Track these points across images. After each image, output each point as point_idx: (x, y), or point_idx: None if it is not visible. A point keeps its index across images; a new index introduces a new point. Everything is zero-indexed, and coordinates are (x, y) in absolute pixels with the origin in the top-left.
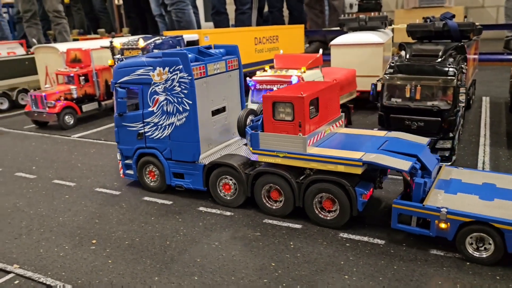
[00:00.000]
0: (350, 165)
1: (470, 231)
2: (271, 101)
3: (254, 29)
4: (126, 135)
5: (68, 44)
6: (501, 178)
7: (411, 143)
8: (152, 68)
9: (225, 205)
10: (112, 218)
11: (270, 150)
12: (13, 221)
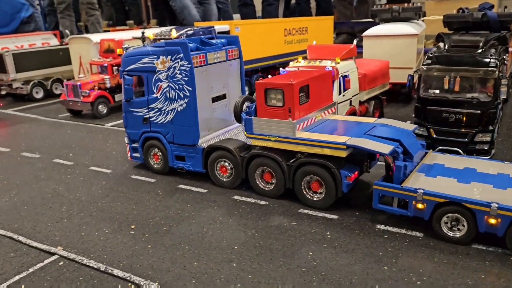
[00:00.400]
0: (335, 149)
1: (445, 212)
2: (263, 88)
3: (284, 20)
4: (133, 120)
5: (101, 35)
6: (483, 163)
7: (397, 129)
8: (156, 57)
9: (222, 186)
10: (149, 205)
11: (262, 134)
12: (54, 205)
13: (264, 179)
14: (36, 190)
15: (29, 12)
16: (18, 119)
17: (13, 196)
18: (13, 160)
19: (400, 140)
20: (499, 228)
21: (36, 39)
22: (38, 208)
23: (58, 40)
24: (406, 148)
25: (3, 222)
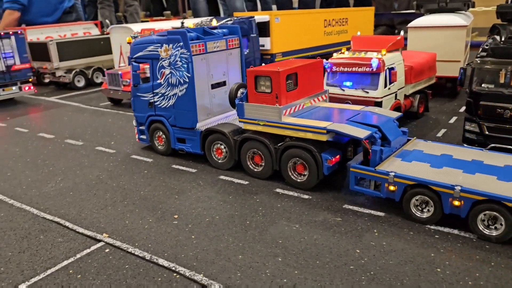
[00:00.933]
0: (317, 133)
1: (414, 193)
2: (254, 75)
3: (324, 11)
4: (140, 104)
5: (142, 25)
6: (461, 151)
7: (379, 116)
8: (160, 45)
9: (217, 167)
10: (191, 195)
11: (252, 118)
12: (98, 192)
13: (255, 161)
14: (81, 176)
15: (71, 2)
16: (61, 106)
17: (58, 182)
18: (57, 147)
19: (379, 126)
20: (462, 210)
21: (78, 29)
22: (83, 195)
23: (99, 29)
24: (384, 134)
25: (50, 207)
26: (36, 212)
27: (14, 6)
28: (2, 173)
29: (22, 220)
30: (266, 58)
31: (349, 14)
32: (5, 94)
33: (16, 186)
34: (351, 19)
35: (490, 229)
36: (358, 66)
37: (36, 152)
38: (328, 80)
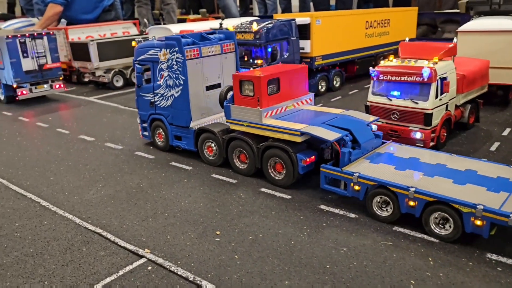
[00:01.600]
0: (292, 134)
1: (376, 193)
2: (239, 79)
3: (365, 12)
4: (143, 103)
5: (180, 26)
6: (430, 154)
7: (353, 120)
8: (159, 49)
9: (208, 163)
10: (232, 209)
11: (238, 119)
12: (138, 202)
13: (241, 159)
14: (121, 184)
15: (110, 1)
16: (101, 107)
17: (100, 188)
18: (98, 150)
19: (350, 130)
20: (416, 210)
21: (117, 28)
22: (124, 204)
23: (137, 29)
24: (355, 137)
25: (92, 217)
26: (78, 221)
27: (57, 0)
28: (45, 177)
29: (65, 230)
30: (306, 62)
31: (391, 15)
32: (37, 91)
33: (58, 191)
34: (393, 20)
35: (441, 228)
36: (408, 75)
37: (77, 155)
38: (374, 88)
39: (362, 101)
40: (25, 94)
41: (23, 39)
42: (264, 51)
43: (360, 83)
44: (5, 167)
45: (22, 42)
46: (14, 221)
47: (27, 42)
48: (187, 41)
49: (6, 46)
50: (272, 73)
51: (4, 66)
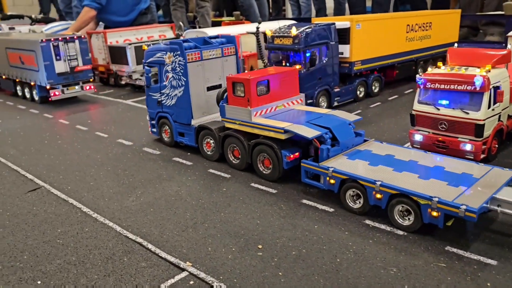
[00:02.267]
0: (276, 132)
1: (349, 187)
2: (231, 81)
3: (407, 15)
4: (151, 102)
5: (217, 29)
6: (405, 152)
7: (335, 119)
8: (165, 52)
9: (206, 158)
10: (273, 221)
11: (231, 118)
12: (178, 210)
13: (234, 155)
14: (160, 190)
15: (147, 3)
16: (138, 110)
17: (139, 195)
18: (136, 156)
19: (330, 128)
20: (382, 202)
21: (154, 32)
22: (163, 212)
23: (173, 32)
24: (335, 135)
25: (132, 225)
26: (119, 229)
27: (93, 5)
28: (85, 181)
29: (106, 238)
30: (344, 67)
31: (433, 18)
32: (69, 92)
33: (99, 197)
34: (435, 23)
35: (404, 219)
36: (458, 84)
37: (116, 160)
38: (420, 97)
39: (402, 107)
40: (58, 95)
41: (56, 42)
42: (302, 56)
43: (400, 88)
44: (47, 171)
45: (56, 45)
46: (56, 227)
47: (60, 46)
48: (190, 45)
49: (41, 49)
50: (261, 76)
51: (38, 68)
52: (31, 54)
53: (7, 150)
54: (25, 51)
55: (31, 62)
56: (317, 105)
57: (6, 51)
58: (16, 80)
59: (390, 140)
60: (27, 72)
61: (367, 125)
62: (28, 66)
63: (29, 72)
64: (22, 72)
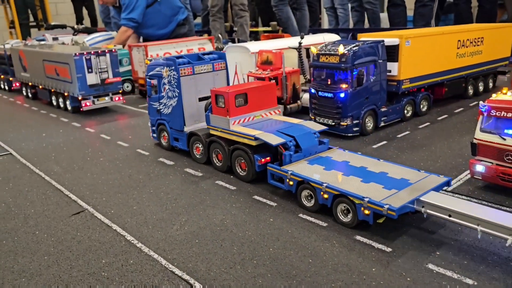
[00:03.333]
0: (248, 139)
1: (303, 188)
2: (214, 94)
3: (458, 30)
4: (152, 110)
5: (258, 44)
6: (359, 159)
7: (302, 128)
8: (163, 67)
9: (196, 161)
10: (326, 260)
11: (214, 126)
12: (224, 243)
13: (218, 158)
14: (204, 219)
15: (184, 14)
16: None
17: (183, 223)
18: (178, 177)
19: (294, 136)
20: (328, 201)
21: (193, 44)
22: (209, 245)
23: (212, 45)
24: (298, 143)
25: (177, 258)
26: (164, 263)
27: (129, 24)
28: (128, 205)
29: (151, 273)
30: (392, 85)
31: (486, 33)
32: (99, 103)
33: (142, 224)
34: (487, 38)
35: (345, 217)
36: None
37: (158, 181)
38: (483, 125)
39: (453, 129)
40: (89, 106)
41: (88, 56)
42: (349, 75)
43: (449, 107)
44: (90, 191)
45: (88, 59)
46: (101, 257)
47: (92, 59)
48: (183, 61)
49: (74, 62)
50: (240, 89)
51: (72, 80)
52: (66, 66)
53: (51, 167)
54: (60, 64)
55: (65, 74)
56: (363, 126)
57: (43, 63)
58: (51, 90)
59: (444, 169)
60: (62, 83)
61: (418, 149)
62: (62, 77)
63: (63, 83)
64: (57, 83)
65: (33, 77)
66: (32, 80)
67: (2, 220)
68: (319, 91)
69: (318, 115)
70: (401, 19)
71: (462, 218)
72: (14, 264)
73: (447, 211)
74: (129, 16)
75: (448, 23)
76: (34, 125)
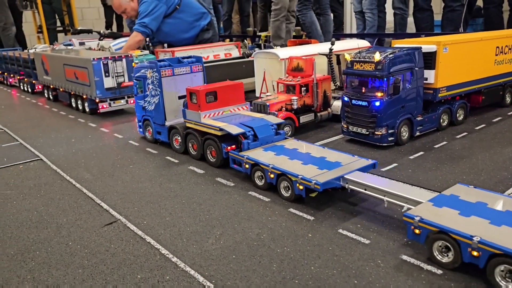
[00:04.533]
0: (215, 129)
1: (256, 170)
2: (189, 92)
3: (496, 35)
4: (138, 107)
5: (288, 51)
6: (307, 147)
7: (261, 121)
8: (147, 69)
9: (175, 151)
10: (372, 282)
11: (189, 119)
12: (262, 260)
13: (193, 148)
14: (240, 233)
15: (207, 20)
16: None
17: (218, 237)
18: (210, 187)
19: (252, 127)
20: (274, 180)
21: (220, 50)
22: (247, 261)
23: (239, 51)
24: (256, 133)
25: (215, 275)
26: (201, 279)
27: (139, 29)
28: (160, 216)
29: None
30: (428, 93)
31: None
32: (115, 105)
33: (176, 236)
34: None
35: (286, 192)
36: None
37: (189, 191)
38: None
39: (494, 139)
40: (105, 108)
41: (106, 61)
42: (385, 84)
43: (486, 115)
44: (121, 201)
45: (105, 63)
46: (136, 272)
47: (109, 64)
48: (164, 64)
49: (92, 67)
50: (210, 88)
51: (90, 83)
52: (84, 70)
53: (81, 174)
54: (79, 68)
55: (84, 78)
56: (398, 135)
57: (64, 67)
58: (71, 93)
59: (489, 183)
60: (80, 86)
61: (458, 161)
62: (81, 81)
63: (82, 86)
64: (76, 86)
65: (54, 80)
66: (53, 83)
67: (35, 229)
68: (352, 99)
69: (351, 124)
70: (428, 24)
71: (373, 191)
72: (48, 277)
73: (363, 185)
74: (140, 20)
75: (476, 28)
76: (63, 130)
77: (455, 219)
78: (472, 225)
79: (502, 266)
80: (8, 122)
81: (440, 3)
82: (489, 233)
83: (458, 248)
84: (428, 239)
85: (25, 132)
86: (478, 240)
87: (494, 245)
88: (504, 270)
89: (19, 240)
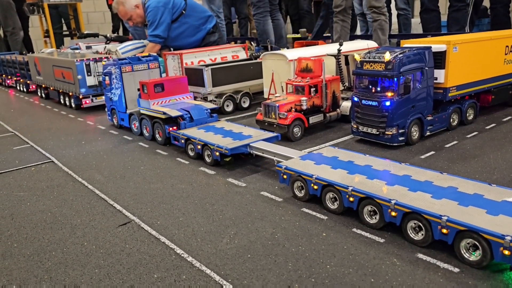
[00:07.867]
0: (160, 114)
1: (189, 143)
2: (141, 84)
3: (506, 35)
4: (107, 99)
5: (296, 52)
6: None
7: (198, 107)
8: (112, 66)
9: (134, 134)
10: (389, 280)
11: (142, 106)
12: (278, 259)
13: (147, 130)
14: (254, 232)
15: (212, 23)
16: None
17: (232, 237)
18: (221, 187)
19: (189, 111)
20: (199, 150)
21: (227, 52)
22: (262, 260)
23: (246, 53)
24: (192, 116)
25: (231, 274)
26: (218, 278)
27: (156, 40)
28: (174, 216)
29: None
30: (437, 93)
31: None
32: (97, 101)
33: (190, 236)
34: None
35: (207, 159)
36: None
37: (201, 192)
38: None
39: (505, 139)
40: (88, 103)
41: (88, 62)
42: (395, 83)
43: (495, 115)
44: (134, 201)
45: (87, 64)
46: (152, 271)
47: (91, 64)
48: (125, 62)
49: (76, 67)
50: (158, 81)
51: (74, 82)
52: (69, 70)
53: (93, 176)
54: (65, 68)
55: (69, 77)
56: (409, 135)
57: (53, 68)
58: (59, 91)
59: (502, 182)
60: (67, 84)
61: (470, 160)
62: (67, 80)
63: (68, 84)
64: (63, 84)
65: (45, 80)
66: (45, 83)
67: (49, 230)
68: (362, 100)
69: (361, 124)
70: (435, 24)
71: (266, 153)
72: (65, 277)
73: (261, 150)
74: (154, 33)
75: (481, 28)
76: (72, 133)
77: (309, 166)
78: (317, 170)
79: (326, 191)
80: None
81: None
82: (323, 174)
83: (305, 184)
84: (290, 181)
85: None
86: (316, 177)
87: (323, 179)
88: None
89: (35, 241)
